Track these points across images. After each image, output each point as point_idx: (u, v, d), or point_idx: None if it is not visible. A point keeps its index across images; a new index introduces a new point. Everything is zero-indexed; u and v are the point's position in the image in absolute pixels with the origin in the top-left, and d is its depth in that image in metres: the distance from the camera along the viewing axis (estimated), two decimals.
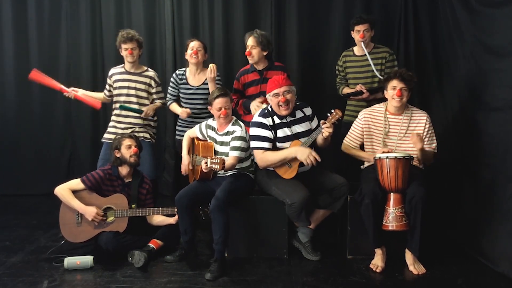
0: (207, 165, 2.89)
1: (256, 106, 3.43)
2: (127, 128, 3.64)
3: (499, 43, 3.06)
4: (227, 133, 3.15)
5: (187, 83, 3.71)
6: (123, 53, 3.62)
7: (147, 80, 3.68)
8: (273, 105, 3.07)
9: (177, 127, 3.84)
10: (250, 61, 3.57)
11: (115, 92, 3.69)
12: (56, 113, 4.88)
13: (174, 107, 3.75)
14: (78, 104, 4.23)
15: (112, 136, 3.62)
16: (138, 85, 3.66)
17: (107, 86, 3.77)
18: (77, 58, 4.77)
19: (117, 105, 3.66)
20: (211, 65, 3.56)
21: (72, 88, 3.64)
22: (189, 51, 3.66)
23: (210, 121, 3.29)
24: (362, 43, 3.57)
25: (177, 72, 3.78)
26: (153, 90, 3.71)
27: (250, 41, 3.51)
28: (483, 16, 3.24)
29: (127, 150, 3.24)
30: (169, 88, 3.79)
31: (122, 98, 3.65)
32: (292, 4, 4.54)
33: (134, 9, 4.70)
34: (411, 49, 4.35)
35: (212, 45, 4.62)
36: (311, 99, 3.90)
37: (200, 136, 3.32)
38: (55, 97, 4.84)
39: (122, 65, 3.72)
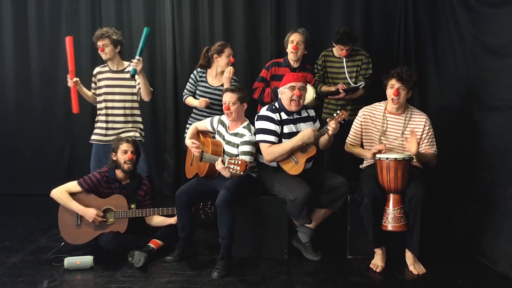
0: (223, 164, 2.84)
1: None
2: (114, 129, 3.63)
3: (499, 43, 3.06)
4: (236, 134, 3.13)
5: (206, 82, 3.72)
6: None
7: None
8: (285, 98, 3.09)
9: (189, 122, 3.78)
10: (292, 57, 3.65)
11: (98, 91, 3.67)
12: (56, 113, 4.87)
13: (191, 100, 3.73)
14: (79, 102, 4.22)
15: (100, 138, 3.63)
16: (123, 82, 3.64)
17: (92, 85, 3.73)
18: (77, 58, 4.71)
19: (102, 105, 3.65)
20: (230, 67, 3.60)
21: (77, 79, 3.57)
22: (225, 58, 3.64)
23: (223, 117, 3.26)
24: (344, 59, 3.74)
25: (198, 69, 3.76)
26: (138, 81, 3.63)
27: (298, 37, 3.62)
28: (483, 16, 3.25)
29: (122, 155, 3.21)
30: (188, 84, 3.77)
31: (106, 97, 3.63)
32: (292, 4, 4.55)
33: (134, 9, 4.70)
34: (411, 49, 4.35)
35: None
36: None
37: (210, 129, 3.30)
38: (55, 97, 4.85)
39: (106, 63, 3.70)
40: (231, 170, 2.81)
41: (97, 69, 3.73)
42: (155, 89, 4.64)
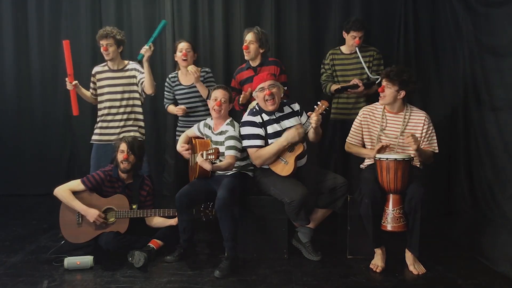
0: (203, 157, 2.91)
1: (243, 96, 3.52)
2: (114, 127, 3.63)
3: (499, 43, 3.06)
4: (221, 133, 3.17)
5: (180, 84, 3.73)
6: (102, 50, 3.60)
7: (132, 73, 3.65)
8: (260, 101, 3.11)
9: (177, 128, 3.83)
10: (246, 57, 3.60)
11: (99, 91, 3.67)
12: (56, 113, 4.87)
13: (171, 109, 3.79)
14: (78, 104, 4.23)
15: (99, 137, 3.64)
16: (123, 81, 3.64)
17: (91, 85, 3.73)
18: (77, 58, 4.73)
19: (103, 105, 3.64)
20: (189, 68, 3.50)
21: (76, 82, 3.59)
22: (178, 53, 3.66)
23: (208, 120, 3.32)
24: (356, 48, 3.66)
25: (170, 75, 3.80)
26: (138, 78, 3.64)
27: (249, 36, 3.56)
28: (483, 16, 3.25)
29: (119, 155, 3.23)
30: (165, 92, 3.82)
31: (107, 97, 3.64)
32: (292, 4, 4.54)
33: (134, 9, 4.70)
34: (411, 49, 4.35)
35: (212, 45, 4.62)
36: (311, 97, 3.91)
37: (199, 134, 3.36)
38: (55, 97, 4.84)
39: (105, 63, 3.70)
40: (210, 160, 2.88)
41: (96, 69, 3.73)
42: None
